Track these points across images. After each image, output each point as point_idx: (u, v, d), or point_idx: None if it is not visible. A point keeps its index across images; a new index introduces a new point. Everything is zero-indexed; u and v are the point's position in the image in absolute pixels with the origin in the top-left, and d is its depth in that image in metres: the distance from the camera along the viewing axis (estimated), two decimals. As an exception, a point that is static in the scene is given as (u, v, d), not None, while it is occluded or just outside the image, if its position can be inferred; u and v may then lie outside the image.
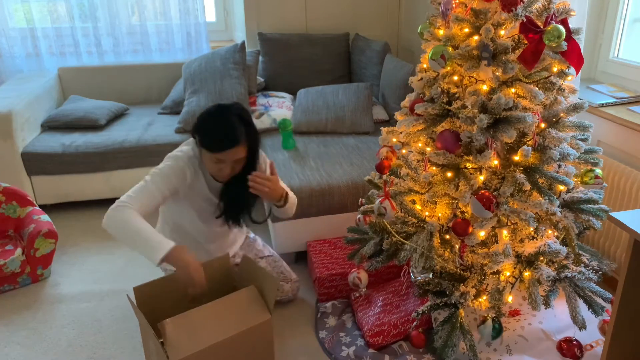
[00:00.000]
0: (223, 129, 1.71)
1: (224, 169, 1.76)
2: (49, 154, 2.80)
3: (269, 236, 2.52)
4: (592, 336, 1.83)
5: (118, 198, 1.68)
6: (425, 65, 1.83)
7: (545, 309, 1.65)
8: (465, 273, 1.74)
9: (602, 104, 2.25)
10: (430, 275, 1.80)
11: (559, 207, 1.66)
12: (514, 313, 1.93)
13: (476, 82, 1.66)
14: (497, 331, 1.65)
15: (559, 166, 1.68)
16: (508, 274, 1.67)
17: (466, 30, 1.65)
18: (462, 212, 1.69)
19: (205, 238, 2.02)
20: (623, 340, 1.45)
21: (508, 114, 1.56)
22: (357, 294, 2.13)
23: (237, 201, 1.91)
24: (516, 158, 1.60)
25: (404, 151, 1.90)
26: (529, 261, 1.64)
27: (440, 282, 1.74)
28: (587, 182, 1.77)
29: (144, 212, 1.69)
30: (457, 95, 1.70)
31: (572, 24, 1.61)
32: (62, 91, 3.49)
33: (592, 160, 1.82)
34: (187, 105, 3.12)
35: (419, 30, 1.87)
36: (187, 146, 1.87)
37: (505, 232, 1.66)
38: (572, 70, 1.64)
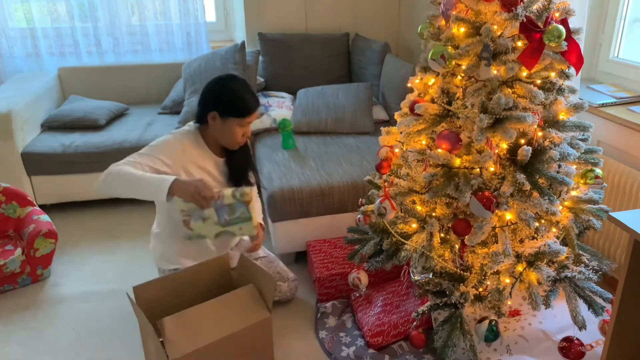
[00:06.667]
0: (248, 92, 1.86)
1: (247, 131, 1.90)
2: (49, 154, 2.80)
3: (268, 236, 2.52)
4: (592, 336, 1.83)
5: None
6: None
7: (545, 309, 1.65)
8: (465, 273, 1.74)
9: (602, 104, 2.25)
10: (430, 275, 1.80)
11: (558, 207, 1.66)
12: (514, 313, 1.93)
13: (476, 82, 1.66)
14: (495, 334, 1.65)
15: (559, 166, 1.68)
16: (508, 274, 1.67)
17: (466, 30, 1.65)
18: (462, 212, 1.69)
19: None
20: (623, 340, 1.45)
21: (508, 114, 1.56)
22: (357, 294, 2.13)
23: (246, 161, 2.02)
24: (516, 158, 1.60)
25: (404, 151, 1.90)
26: (529, 261, 1.64)
27: (440, 282, 1.73)
28: (587, 182, 1.77)
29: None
30: (457, 95, 1.70)
31: (572, 24, 1.60)
32: (62, 91, 3.49)
33: (592, 160, 1.82)
34: (187, 105, 3.12)
35: (419, 30, 1.87)
36: (180, 131, 1.91)
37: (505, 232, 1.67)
38: (572, 70, 1.64)
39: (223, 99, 1.84)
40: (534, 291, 1.60)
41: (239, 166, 2.01)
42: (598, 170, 1.78)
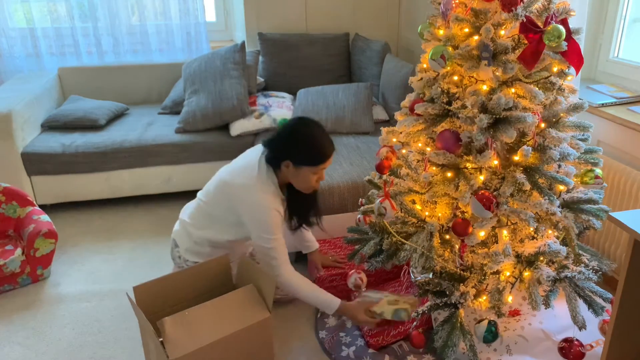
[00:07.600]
0: (324, 138, 1.82)
1: (321, 177, 1.86)
2: (49, 154, 2.80)
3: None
4: (592, 336, 1.83)
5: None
6: (425, 65, 1.83)
7: (545, 309, 1.65)
8: (465, 273, 1.74)
9: (602, 104, 2.25)
10: (430, 275, 1.80)
11: (559, 207, 1.66)
12: (514, 313, 1.93)
13: (476, 82, 1.66)
14: (493, 335, 1.65)
15: (559, 166, 1.67)
16: (508, 274, 1.67)
17: (466, 30, 1.65)
18: (462, 212, 1.69)
19: (241, 245, 2.09)
20: (623, 340, 1.45)
21: (508, 114, 1.56)
22: (358, 294, 2.13)
23: (310, 204, 2.01)
24: (516, 158, 1.60)
25: (404, 151, 1.90)
26: (529, 261, 1.64)
27: (440, 282, 1.73)
28: (587, 182, 1.77)
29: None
30: (457, 95, 1.70)
31: (572, 24, 1.60)
32: (62, 91, 3.49)
33: (592, 160, 1.82)
34: (187, 105, 3.12)
35: (419, 30, 1.87)
36: (259, 182, 1.83)
37: (505, 232, 1.67)
38: (572, 70, 1.64)
39: (295, 148, 1.80)
40: (534, 291, 1.60)
41: (302, 207, 1.98)
42: (598, 170, 1.78)
